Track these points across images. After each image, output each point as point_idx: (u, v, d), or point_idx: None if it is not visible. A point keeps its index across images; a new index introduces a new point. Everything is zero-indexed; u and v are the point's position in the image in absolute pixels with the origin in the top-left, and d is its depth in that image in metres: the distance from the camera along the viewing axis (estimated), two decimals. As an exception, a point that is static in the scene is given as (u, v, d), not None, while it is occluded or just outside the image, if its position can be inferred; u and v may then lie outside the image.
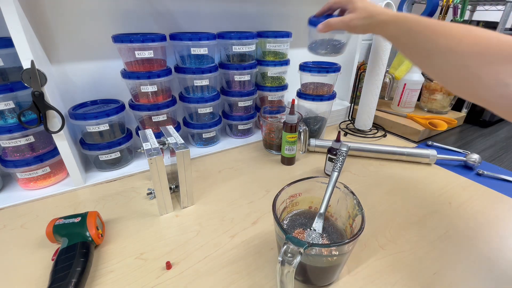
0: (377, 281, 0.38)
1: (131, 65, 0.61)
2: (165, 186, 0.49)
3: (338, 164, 0.43)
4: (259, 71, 0.79)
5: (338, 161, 0.44)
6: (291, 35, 0.75)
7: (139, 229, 0.47)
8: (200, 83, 0.68)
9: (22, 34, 0.44)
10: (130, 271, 0.40)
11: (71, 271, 0.36)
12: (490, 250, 0.43)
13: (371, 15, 0.42)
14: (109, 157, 0.62)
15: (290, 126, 0.63)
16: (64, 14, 0.56)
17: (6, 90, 0.48)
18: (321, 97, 0.74)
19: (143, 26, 0.65)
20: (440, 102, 0.94)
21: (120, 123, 0.63)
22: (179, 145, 0.49)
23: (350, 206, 0.38)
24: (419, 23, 0.36)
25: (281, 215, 0.40)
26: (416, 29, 0.36)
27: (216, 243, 0.45)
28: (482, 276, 0.39)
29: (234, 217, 0.50)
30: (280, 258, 0.29)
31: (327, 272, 0.36)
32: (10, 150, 0.53)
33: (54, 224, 0.42)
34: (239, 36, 0.67)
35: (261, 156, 0.73)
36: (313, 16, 0.54)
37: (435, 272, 0.40)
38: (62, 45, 0.58)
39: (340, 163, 0.44)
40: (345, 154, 0.47)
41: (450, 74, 0.33)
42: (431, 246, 0.44)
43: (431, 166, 0.68)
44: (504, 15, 0.81)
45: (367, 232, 0.46)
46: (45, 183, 0.58)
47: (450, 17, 0.94)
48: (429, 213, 0.52)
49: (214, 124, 0.74)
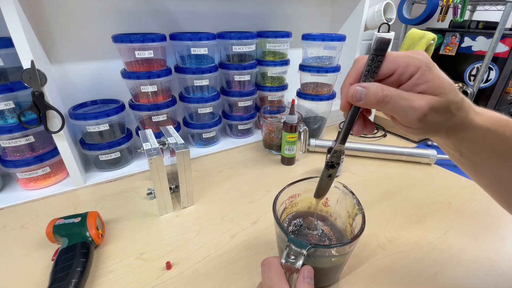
0: (377, 281, 0.38)
1: (131, 65, 0.61)
2: (165, 186, 0.49)
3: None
4: (259, 71, 0.79)
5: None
6: (291, 35, 0.75)
7: (139, 229, 0.47)
8: (200, 83, 0.68)
9: (22, 34, 0.44)
10: (130, 271, 0.40)
11: (71, 271, 0.36)
12: (490, 250, 0.43)
13: (460, 108, 0.25)
14: (109, 157, 0.62)
15: (290, 126, 0.63)
16: (64, 14, 0.56)
17: (6, 90, 0.48)
18: (321, 97, 0.74)
19: (143, 26, 0.65)
20: (440, 102, 0.93)
21: (120, 123, 0.63)
22: (179, 145, 0.49)
23: (350, 205, 0.38)
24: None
25: (281, 216, 0.40)
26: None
27: (216, 243, 0.45)
28: (482, 276, 0.39)
29: (234, 217, 0.50)
30: (283, 261, 0.29)
31: (328, 272, 0.36)
32: (10, 150, 0.53)
33: (54, 224, 0.42)
34: (239, 36, 0.67)
35: (261, 156, 0.73)
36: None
37: (435, 272, 0.40)
38: (62, 45, 0.58)
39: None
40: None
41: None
42: (431, 246, 0.44)
43: (431, 166, 0.68)
44: (504, 15, 0.81)
45: (367, 232, 0.46)
46: (45, 183, 0.58)
47: (450, 17, 0.94)
48: (429, 213, 0.52)
49: (214, 124, 0.74)
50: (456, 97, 0.24)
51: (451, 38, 0.99)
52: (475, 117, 0.25)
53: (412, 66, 0.24)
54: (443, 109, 0.24)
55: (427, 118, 0.24)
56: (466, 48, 0.95)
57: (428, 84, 0.24)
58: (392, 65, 0.24)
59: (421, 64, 0.24)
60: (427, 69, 0.24)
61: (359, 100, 0.25)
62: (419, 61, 0.24)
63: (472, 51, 0.94)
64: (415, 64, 0.24)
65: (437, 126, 0.25)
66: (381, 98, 0.24)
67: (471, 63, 0.95)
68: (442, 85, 0.24)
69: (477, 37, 0.92)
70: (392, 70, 0.25)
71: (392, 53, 0.25)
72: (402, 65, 0.24)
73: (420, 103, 0.23)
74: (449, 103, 0.24)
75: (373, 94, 0.24)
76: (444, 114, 0.24)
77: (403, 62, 0.24)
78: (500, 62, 0.88)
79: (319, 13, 0.91)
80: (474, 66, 0.94)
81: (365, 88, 0.25)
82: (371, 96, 0.24)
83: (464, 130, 0.26)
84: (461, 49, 0.97)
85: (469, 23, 0.99)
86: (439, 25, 1.07)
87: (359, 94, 0.25)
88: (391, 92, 0.24)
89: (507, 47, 0.86)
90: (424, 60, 0.24)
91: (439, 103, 0.23)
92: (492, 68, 0.90)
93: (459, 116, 0.25)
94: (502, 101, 0.92)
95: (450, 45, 0.99)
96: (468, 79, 0.97)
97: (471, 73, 0.96)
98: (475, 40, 0.93)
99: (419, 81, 0.24)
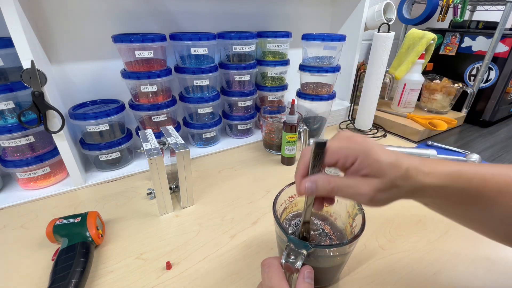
0: (377, 281, 0.38)
1: (131, 65, 0.61)
2: (165, 186, 0.49)
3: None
4: (259, 71, 0.79)
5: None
6: (291, 35, 0.75)
7: (139, 229, 0.47)
8: (200, 83, 0.68)
9: (22, 34, 0.44)
10: (130, 271, 0.40)
11: (71, 271, 0.36)
12: (490, 250, 0.43)
13: (407, 178, 0.26)
14: (109, 157, 0.62)
15: (290, 126, 0.63)
16: (64, 14, 0.56)
17: (6, 90, 0.48)
18: (321, 97, 0.74)
19: (143, 26, 0.65)
20: (440, 102, 0.94)
21: (120, 123, 0.63)
22: (179, 145, 0.49)
23: (350, 205, 0.38)
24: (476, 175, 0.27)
25: (281, 216, 0.40)
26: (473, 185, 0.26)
27: (216, 243, 0.45)
28: (482, 276, 0.39)
29: (234, 217, 0.50)
30: (283, 261, 0.29)
31: (328, 272, 0.36)
32: (10, 150, 0.53)
33: (54, 224, 0.42)
34: (239, 36, 0.67)
35: (261, 156, 0.73)
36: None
37: (435, 272, 0.40)
38: (62, 45, 0.58)
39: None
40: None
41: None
42: (431, 246, 0.44)
43: (431, 166, 0.68)
44: (504, 15, 0.81)
45: (367, 232, 0.46)
46: (45, 183, 0.58)
47: (450, 17, 0.94)
48: (429, 213, 0.51)
49: (214, 124, 0.74)
50: (399, 172, 0.26)
51: (451, 38, 0.99)
52: (425, 179, 0.26)
53: (350, 156, 0.27)
54: (388, 187, 0.26)
55: (376, 198, 0.26)
56: (466, 48, 0.95)
57: (368, 169, 0.26)
58: (333, 157, 0.27)
59: (358, 153, 0.26)
60: (364, 157, 0.26)
61: (312, 193, 0.29)
62: (356, 150, 0.26)
63: (472, 51, 0.94)
64: (353, 154, 0.26)
65: (390, 199, 0.27)
66: (329, 190, 0.27)
67: (471, 63, 0.95)
68: (381, 168, 0.26)
69: (477, 37, 0.92)
70: (335, 161, 0.28)
71: (331, 146, 0.28)
72: (342, 156, 0.27)
73: (365, 189, 0.26)
74: (392, 181, 0.26)
75: (321, 188, 0.28)
76: (391, 190, 0.26)
77: (342, 154, 0.27)
78: (500, 62, 0.88)
79: (319, 13, 0.91)
80: (474, 66, 0.94)
81: (314, 182, 0.28)
82: (321, 189, 0.28)
83: (418, 192, 0.27)
84: (461, 49, 0.97)
85: (469, 23, 0.98)
86: (439, 25, 1.07)
87: (310, 189, 0.28)
88: (337, 184, 0.27)
89: (507, 47, 0.86)
90: (361, 148, 0.26)
91: (382, 185, 0.26)
92: (492, 68, 0.90)
93: (408, 184, 0.26)
94: (502, 101, 0.92)
95: (450, 45, 0.99)
96: (468, 79, 0.97)
97: (471, 73, 0.96)
98: (475, 40, 0.93)
99: (360, 167, 0.26)
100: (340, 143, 0.28)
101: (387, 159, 0.26)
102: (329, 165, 0.28)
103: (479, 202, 0.27)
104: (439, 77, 0.95)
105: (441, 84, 0.92)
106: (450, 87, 0.90)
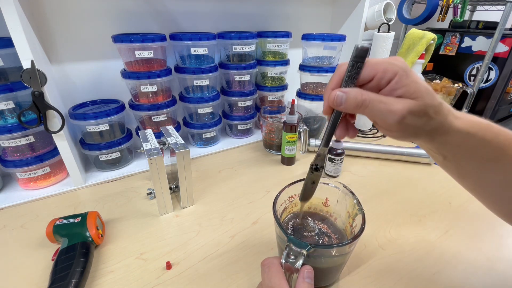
0: (377, 281, 0.38)
1: (131, 65, 0.61)
2: (165, 186, 0.49)
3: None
4: (259, 71, 0.79)
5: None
6: (291, 35, 0.75)
7: (139, 229, 0.47)
8: (200, 83, 0.68)
9: (22, 34, 0.44)
10: (130, 271, 0.40)
11: (71, 271, 0.36)
12: (490, 250, 0.43)
13: (439, 112, 0.25)
14: (109, 157, 0.62)
15: (290, 126, 0.63)
16: (64, 14, 0.56)
17: (6, 90, 0.48)
18: (321, 97, 0.74)
19: (143, 26, 0.65)
20: (440, 102, 0.93)
21: (120, 123, 0.63)
22: (179, 145, 0.49)
23: (350, 205, 0.38)
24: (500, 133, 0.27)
25: (281, 216, 0.40)
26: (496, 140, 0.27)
27: (216, 243, 0.45)
28: (482, 276, 0.39)
29: (234, 217, 0.50)
30: (283, 261, 0.29)
31: (328, 272, 0.36)
32: (10, 150, 0.53)
33: (54, 224, 0.42)
34: (239, 36, 0.67)
35: (261, 156, 0.73)
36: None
37: (435, 272, 0.40)
38: (62, 45, 0.58)
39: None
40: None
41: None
42: (431, 246, 0.44)
43: (431, 166, 0.68)
44: (504, 15, 0.81)
45: (367, 232, 0.46)
46: (45, 183, 0.58)
47: (450, 17, 0.94)
48: (429, 213, 0.52)
49: (214, 124, 0.74)
50: (433, 101, 0.25)
51: (451, 38, 0.99)
52: (454, 121, 0.26)
53: (390, 71, 0.25)
54: (421, 112, 0.25)
55: (405, 121, 0.24)
56: (466, 48, 0.95)
57: (405, 89, 0.24)
58: (371, 71, 0.25)
59: (398, 69, 0.25)
60: (404, 74, 0.25)
61: (340, 104, 0.26)
62: (396, 66, 0.25)
63: (472, 51, 0.94)
64: (393, 69, 0.25)
65: (416, 129, 0.26)
66: (360, 102, 0.25)
67: (471, 63, 0.95)
68: (418, 90, 0.24)
69: (477, 37, 0.92)
70: (372, 75, 0.26)
71: (371, 59, 0.26)
72: (381, 71, 0.25)
73: (398, 107, 0.24)
74: (426, 107, 0.24)
75: (352, 98, 0.25)
76: (422, 117, 0.25)
77: (381, 68, 0.25)
78: (500, 62, 0.88)
79: (319, 13, 0.91)
80: (474, 66, 0.94)
81: (345, 93, 0.26)
82: (351, 101, 0.25)
83: (444, 133, 0.26)
84: (461, 49, 0.97)
85: (469, 23, 0.99)
86: (439, 25, 1.07)
87: (339, 99, 0.26)
88: (369, 97, 0.25)
89: (507, 47, 0.86)
90: (402, 66, 0.25)
91: (416, 107, 0.24)
92: (492, 68, 0.90)
93: (438, 119, 0.25)
94: (502, 101, 0.92)
95: (450, 45, 0.99)
96: (468, 79, 0.97)
97: (471, 73, 0.96)
98: (475, 40, 0.93)
99: (397, 86, 0.25)
100: (380, 59, 0.26)
101: (425, 84, 0.25)
102: (365, 80, 0.26)
103: (501, 160, 0.26)
104: (439, 77, 0.95)
105: (441, 84, 0.92)
106: (450, 87, 0.90)
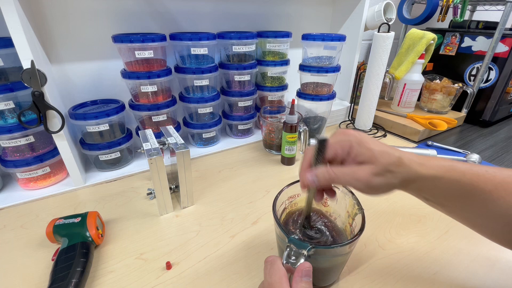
0: (377, 281, 0.38)
1: (131, 65, 0.61)
2: (165, 186, 0.49)
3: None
4: (259, 71, 0.79)
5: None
6: (291, 35, 0.75)
7: (139, 229, 0.47)
8: (200, 83, 0.68)
9: (22, 34, 0.44)
10: (130, 271, 0.40)
11: (71, 271, 0.36)
12: (490, 250, 0.43)
13: (400, 165, 0.28)
14: (109, 157, 0.62)
15: (290, 126, 0.63)
16: (64, 14, 0.56)
17: (6, 90, 0.48)
18: (321, 97, 0.74)
19: (143, 26, 0.65)
20: (440, 102, 0.94)
21: (120, 123, 0.63)
22: (179, 145, 0.49)
23: (350, 205, 0.38)
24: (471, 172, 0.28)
25: (281, 216, 0.40)
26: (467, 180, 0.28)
27: (216, 243, 0.45)
28: (482, 276, 0.39)
29: (234, 217, 0.50)
30: (284, 261, 0.29)
31: (328, 272, 0.36)
32: (10, 150, 0.53)
33: (54, 224, 0.42)
34: (239, 36, 0.67)
35: (261, 156, 0.73)
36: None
37: (435, 272, 0.40)
38: (62, 45, 0.58)
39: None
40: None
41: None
42: (431, 246, 0.44)
43: (431, 166, 0.68)
44: (504, 15, 0.81)
45: (367, 232, 0.46)
46: (45, 183, 0.58)
47: (450, 17, 0.94)
48: (429, 213, 0.52)
49: (214, 124, 0.74)
50: (390, 159, 0.28)
51: (451, 38, 0.99)
52: (419, 168, 0.28)
53: (346, 146, 0.30)
54: (382, 172, 0.28)
55: (373, 183, 0.28)
56: (466, 48, 0.95)
57: (362, 156, 0.29)
58: (332, 150, 0.31)
59: (351, 141, 0.30)
60: (356, 145, 0.30)
61: (314, 184, 0.31)
62: (349, 141, 0.30)
63: (472, 51, 0.94)
64: (348, 144, 0.30)
65: (387, 185, 0.29)
66: (329, 179, 0.30)
67: (471, 63, 0.95)
68: (373, 155, 0.28)
69: (477, 37, 0.92)
70: (334, 154, 0.31)
71: (330, 141, 0.31)
72: (339, 148, 0.31)
73: (361, 174, 0.28)
74: (385, 166, 0.28)
75: (322, 178, 0.30)
76: (386, 175, 0.28)
77: (339, 146, 0.31)
78: (500, 62, 0.88)
79: (319, 13, 0.91)
80: (474, 66, 0.94)
81: (316, 175, 0.31)
82: (322, 180, 0.31)
83: (413, 181, 0.29)
84: (461, 49, 0.97)
85: (469, 23, 0.98)
86: (439, 25, 1.07)
87: (312, 181, 0.31)
88: (335, 172, 0.30)
89: (507, 47, 0.86)
90: (353, 138, 0.30)
91: (376, 169, 0.28)
92: (492, 68, 0.90)
93: (402, 171, 0.28)
94: (502, 101, 0.92)
95: (450, 45, 0.99)
96: (468, 79, 0.97)
97: (471, 73, 0.96)
98: (475, 40, 0.92)
99: (354, 155, 0.30)
100: (336, 138, 0.31)
101: (378, 148, 0.29)
102: (329, 159, 0.31)
103: (475, 196, 0.28)
104: (439, 77, 0.95)
105: (441, 84, 0.92)
106: (450, 87, 0.90)
